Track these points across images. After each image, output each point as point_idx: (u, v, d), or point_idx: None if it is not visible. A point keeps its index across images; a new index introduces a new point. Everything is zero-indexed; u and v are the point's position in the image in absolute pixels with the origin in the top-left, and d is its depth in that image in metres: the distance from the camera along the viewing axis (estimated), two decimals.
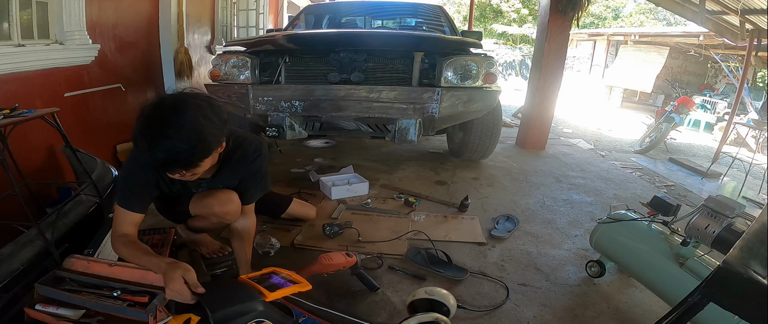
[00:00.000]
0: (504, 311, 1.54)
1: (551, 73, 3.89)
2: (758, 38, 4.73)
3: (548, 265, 1.89)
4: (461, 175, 3.13)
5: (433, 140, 4.06)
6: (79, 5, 2.43)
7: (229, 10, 4.94)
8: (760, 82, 8.42)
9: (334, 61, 2.51)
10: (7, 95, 1.99)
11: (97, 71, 2.70)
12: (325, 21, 3.97)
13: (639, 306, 1.63)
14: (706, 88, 8.36)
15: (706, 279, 0.86)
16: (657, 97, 9.37)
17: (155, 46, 3.46)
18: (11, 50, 2.03)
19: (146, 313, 1.19)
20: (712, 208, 1.35)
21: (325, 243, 1.96)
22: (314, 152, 3.64)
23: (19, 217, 1.46)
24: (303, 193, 2.58)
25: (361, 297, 1.58)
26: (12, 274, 1.29)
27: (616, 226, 1.67)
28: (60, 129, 1.71)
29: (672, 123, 4.74)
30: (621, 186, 3.16)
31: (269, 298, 1.14)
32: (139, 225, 1.37)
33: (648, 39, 8.97)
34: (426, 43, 2.65)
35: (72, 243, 1.53)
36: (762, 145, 4.96)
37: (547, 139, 4.20)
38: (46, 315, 1.19)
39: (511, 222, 2.29)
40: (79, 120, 2.55)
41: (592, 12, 15.79)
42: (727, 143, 4.67)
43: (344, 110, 2.49)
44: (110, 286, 1.28)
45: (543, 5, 3.86)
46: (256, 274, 1.27)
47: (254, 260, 1.81)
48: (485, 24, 17.33)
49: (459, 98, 2.51)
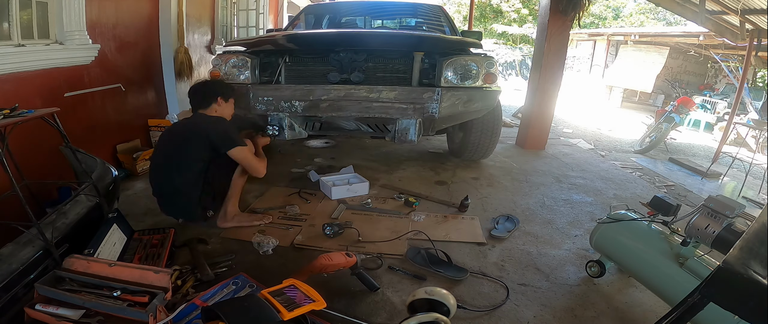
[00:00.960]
0: (504, 311, 1.54)
1: (551, 73, 3.88)
2: (758, 38, 4.73)
3: (548, 265, 1.89)
4: (461, 175, 3.13)
5: (433, 140, 4.07)
6: (79, 5, 2.43)
7: (229, 10, 4.94)
8: (760, 82, 8.42)
9: (334, 61, 2.50)
10: (7, 95, 1.98)
11: (97, 71, 2.69)
12: (325, 21, 3.97)
13: (639, 306, 1.63)
14: (706, 88, 8.36)
15: (706, 279, 0.86)
16: (657, 97, 9.37)
17: (155, 46, 3.45)
18: (11, 50, 2.03)
19: (146, 313, 1.19)
20: (712, 208, 1.35)
21: (325, 243, 1.96)
22: (314, 152, 3.64)
23: (19, 217, 1.46)
24: (303, 193, 2.58)
25: (361, 297, 1.58)
26: (12, 274, 1.28)
27: (616, 226, 1.67)
28: (60, 129, 1.71)
29: (672, 123, 4.74)
30: (621, 186, 3.16)
31: (287, 317, 1.16)
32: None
33: (648, 39, 8.97)
34: (426, 43, 2.65)
35: (72, 243, 1.53)
36: (762, 145, 4.96)
37: (547, 139, 4.20)
38: (46, 315, 1.19)
39: (511, 222, 2.29)
40: (79, 120, 2.55)
41: (592, 12, 15.77)
42: (727, 143, 4.67)
43: (344, 110, 2.49)
44: (110, 286, 1.28)
45: (543, 5, 3.86)
46: (276, 288, 1.29)
47: (254, 258, 1.82)
48: (485, 24, 17.32)
49: (459, 98, 2.51)
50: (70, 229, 1.59)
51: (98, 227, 1.69)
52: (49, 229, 1.47)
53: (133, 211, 2.27)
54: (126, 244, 1.79)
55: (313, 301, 1.26)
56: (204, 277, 1.61)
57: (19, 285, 1.30)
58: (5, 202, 1.50)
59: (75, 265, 1.36)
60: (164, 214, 2.09)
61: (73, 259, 1.37)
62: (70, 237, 1.56)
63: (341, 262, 1.59)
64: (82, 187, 1.82)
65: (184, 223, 2.08)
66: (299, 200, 2.48)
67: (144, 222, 2.15)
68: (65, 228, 1.58)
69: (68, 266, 1.36)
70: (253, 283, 1.53)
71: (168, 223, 2.07)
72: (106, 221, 1.75)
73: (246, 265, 1.74)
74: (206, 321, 1.16)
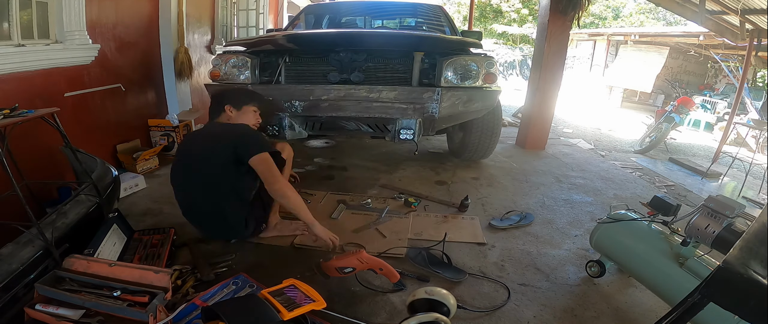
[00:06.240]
0: (504, 311, 1.54)
1: (551, 73, 3.88)
2: (758, 38, 4.73)
3: (548, 265, 1.89)
4: (461, 175, 3.13)
5: (433, 140, 4.07)
6: (79, 5, 2.43)
7: (229, 10, 4.93)
8: (760, 82, 8.41)
9: (334, 61, 2.50)
10: (7, 95, 1.99)
11: (97, 71, 2.69)
12: (325, 21, 3.97)
13: (639, 306, 1.63)
14: (706, 88, 8.36)
15: (706, 279, 0.86)
16: (657, 97, 9.37)
17: (155, 46, 3.45)
18: (11, 50, 2.03)
19: (146, 313, 1.19)
20: (712, 208, 1.35)
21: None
22: (314, 152, 3.64)
23: (19, 217, 1.46)
24: (303, 193, 2.58)
25: (361, 297, 1.58)
26: (12, 274, 1.28)
27: (616, 226, 1.67)
28: (60, 129, 1.71)
29: (672, 123, 4.74)
30: (621, 186, 3.16)
31: (287, 317, 1.16)
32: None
33: (648, 39, 8.97)
34: (426, 43, 2.65)
35: (72, 243, 1.53)
36: (762, 145, 4.96)
37: (547, 139, 4.20)
38: (46, 315, 1.19)
39: (525, 219, 2.32)
40: (79, 120, 2.55)
41: (592, 12, 15.77)
42: (727, 143, 4.67)
43: (344, 110, 2.48)
44: (110, 286, 1.28)
45: (543, 5, 3.86)
46: (276, 288, 1.29)
47: (254, 258, 1.81)
48: (485, 24, 17.32)
49: (459, 98, 2.51)
50: (70, 229, 1.59)
51: (98, 227, 1.69)
52: (49, 229, 1.47)
53: (133, 211, 2.27)
54: (126, 244, 1.79)
55: (313, 301, 1.26)
56: (204, 277, 1.61)
57: (19, 285, 1.30)
58: (5, 202, 1.50)
59: (75, 265, 1.36)
60: (208, 238, 1.92)
61: (73, 259, 1.37)
62: (70, 237, 1.56)
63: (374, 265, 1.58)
64: (82, 187, 1.82)
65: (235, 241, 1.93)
66: None
67: (144, 222, 2.15)
68: (65, 228, 1.58)
69: (68, 266, 1.36)
70: (253, 283, 1.53)
71: (168, 223, 2.07)
72: (106, 221, 1.75)
73: (246, 265, 1.74)
74: (206, 321, 1.16)
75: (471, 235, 2.13)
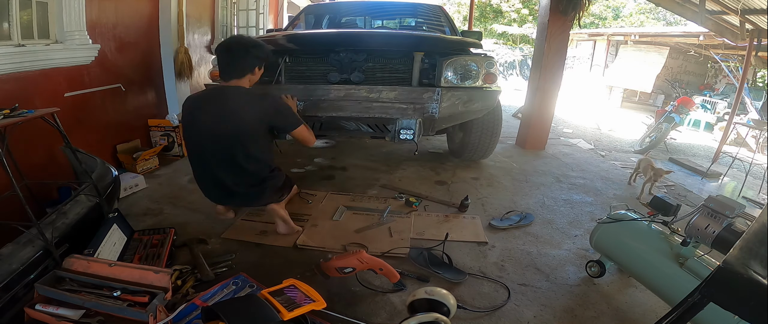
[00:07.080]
0: (504, 311, 1.54)
1: (551, 73, 3.88)
2: (758, 38, 4.73)
3: (548, 265, 1.89)
4: (461, 175, 3.13)
5: (433, 140, 4.06)
6: (79, 5, 2.43)
7: (229, 10, 4.93)
8: (760, 82, 8.41)
9: (334, 61, 2.50)
10: (7, 95, 1.99)
11: (97, 71, 2.69)
12: (325, 21, 3.97)
13: (639, 306, 1.63)
14: (706, 88, 8.36)
15: (706, 279, 0.86)
16: (657, 97, 9.36)
17: (155, 46, 3.45)
18: (11, 50, 2.03)
19: (146, 313, 1.19)
20: (712, 208, 1.35)
21: (328, 243, 1.96)
22: (314, 152, 3.64)
23: (19, 217, 1.46)
24: (303, 193, 2.58)
25: (361, 297, 1.58)
26: (12, 274, 1.28)
27: (616, 226, 1.68)
28: (60, 129, 1.71)
29: (672, 123, 4.74)
30: (621, 186, 3.16)
31: (287, 317, 1.16)
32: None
33: (648, 39, 8.96)
34: (426, 43, 2.65)
35: (72, 243, 1.53)
36: (762, 145, 4.96)
37: (547, 139, 4.20)
38: (46, 315, 1.19)
39: (525, 219, 2.32)
40: (79, 120, 2.55)
41: (592, 12, 15.76)
42: (727, 143, 4.67)
43: (344, 110, 2.48)
44: (110, 286, 1.28)
45: (543, 5, 3.86)
46: (276, 288, 1.29)
47: (254, 258, 1.81)
48: (485, 24, 17.31)
49: (459, 98, 2.51)
50: (70, 229, 1.59)
51: (98, 227, 1.69)
52: (49, 229, 1.47)
53: (133, 211, 2.27)
54: (126, 244, 1.79)
55: (313, 301, 1.26)
56: (204, 277, 1.61)
57: (19, 285, 1.30)
58: (5, 202, 1.50)
59: (75, 265, 1.36)
60: (228, 205, 2.14)
61: (73, 259, 1.37)
62: (70, 237, 1.56)
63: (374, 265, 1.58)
64: (82, 187, 1.82)
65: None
66: (300, 200, 2.48)
67: (144, 222, 2.15)
68: (65, 228, 1.58)
69: (68, 266, 1.36)
70: (253, 283, 1.53)
71: (168, 223, 2.07)
72: (106, 221, 1.75)
73: (246, 265, 1.74)
74: (206, 321, 1.16)
75: (473, 234, 2.13)
